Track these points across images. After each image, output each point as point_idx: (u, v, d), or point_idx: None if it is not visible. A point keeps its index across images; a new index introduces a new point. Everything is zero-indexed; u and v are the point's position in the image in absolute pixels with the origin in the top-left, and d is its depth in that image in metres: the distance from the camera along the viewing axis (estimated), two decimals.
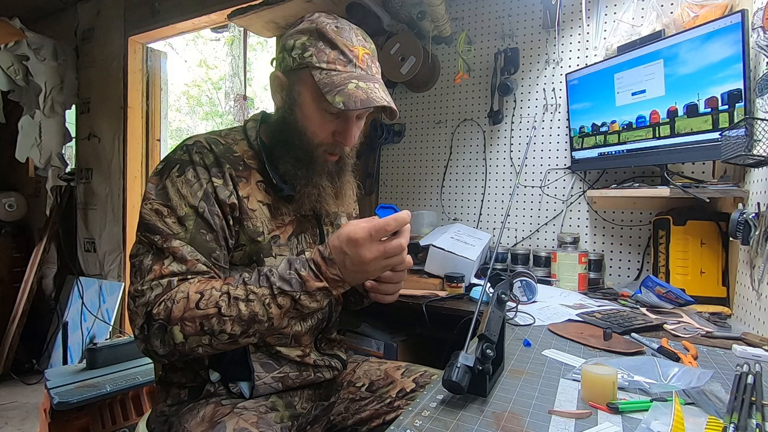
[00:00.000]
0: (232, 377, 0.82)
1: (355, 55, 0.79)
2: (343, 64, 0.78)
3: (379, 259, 0.69)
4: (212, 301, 0.69)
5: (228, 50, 6.65)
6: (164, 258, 0.73)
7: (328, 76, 0.77)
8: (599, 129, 1.53)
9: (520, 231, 1.84)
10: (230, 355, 0.81)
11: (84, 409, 1.58)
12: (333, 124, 0.82)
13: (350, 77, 0.77)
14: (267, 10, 1.95)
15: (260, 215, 0.82)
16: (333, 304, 0.94)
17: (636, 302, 1.27)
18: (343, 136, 0.83)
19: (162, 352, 0.70)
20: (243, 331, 0.70)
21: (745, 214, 1.03)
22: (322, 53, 0.78)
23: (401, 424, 0.59)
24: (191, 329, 0.68)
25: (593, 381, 0.65)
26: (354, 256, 0.68)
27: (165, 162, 0.80)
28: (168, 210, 0.75)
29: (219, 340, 0.69)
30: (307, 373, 0.89)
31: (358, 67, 0.79)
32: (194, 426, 0.74)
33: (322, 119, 0.81)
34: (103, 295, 2.73)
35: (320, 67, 0.78)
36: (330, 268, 0.70)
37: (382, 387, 0.91)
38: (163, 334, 0.69)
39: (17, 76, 2.80)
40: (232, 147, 0.84)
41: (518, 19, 1.84)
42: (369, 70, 0.81)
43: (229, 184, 0.79)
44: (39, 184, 3.17)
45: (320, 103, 0.79)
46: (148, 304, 0.70)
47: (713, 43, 1.18)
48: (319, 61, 0.78)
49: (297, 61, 0.79)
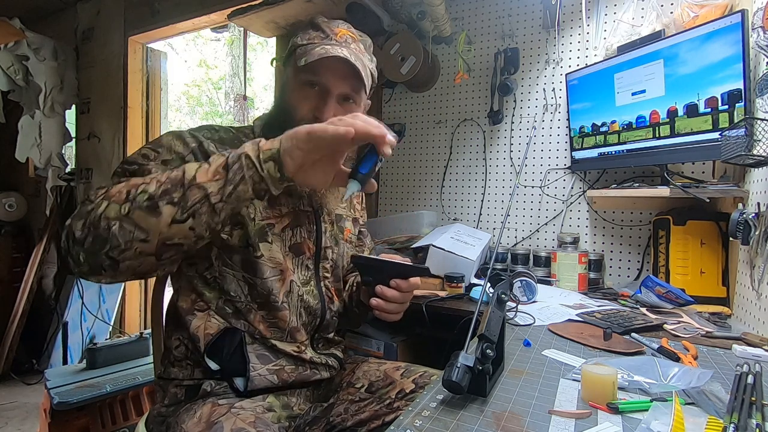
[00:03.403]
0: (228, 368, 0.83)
1: (334, 32, 0.85)
2: (321, 38, 0.85)
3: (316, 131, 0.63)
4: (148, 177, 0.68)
5: (228, 50, 6.65)
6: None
7: (304, 50, 0.83)
8: (599, 129, 1.53)
9: (520, 231, 1.84)
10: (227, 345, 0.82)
11: (84, 409, 1.59)
12: (313, 100, 0.85)
13: (322, 45, 0.83)
14: (267, 10, 1.95)
15: (257, 202, 0.84)
16: (325, 301, 0.94)
17: (636, 302, 1.27)
18: (320, 110, 0.84)
19: (78, 234, 0.64)
20: (165, 191, 0.63)
21: (745, 214, 1.03)
22: (306, 34, 0.86)
23: (401, 424, 0.59)
24: (116, 197, 0.64)
25: (593, 381, 0.65)
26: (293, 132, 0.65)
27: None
28: (155, 154, 0.78)
29: (138, 204, 0.63)
30: (303, 368, 0.89)
31: (333, 41, 0.84)
32: (191, 426, 0.74)
33: (302, 93, 0.85)
34: (103, 295, 2.73)
35: (301, 44, 0.85)
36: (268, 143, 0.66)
37: (381, 388, 0.91)
38: (89, 213, 0.64)
39: (17, 76, 2.80)
40: (241, 138, 0.88)
41: (518, 19, 1.84)
42: (344, 43, 0.85)
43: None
44: (39, 184, 3.17)
45: (298, 75, 0.84)
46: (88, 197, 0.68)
47: (713, 43, 1.18)
48: (302, 39, 0.86)
49: (288, 49, 0.88)
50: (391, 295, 0.84)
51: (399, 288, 0.85)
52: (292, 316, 0.88)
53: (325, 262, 0.96)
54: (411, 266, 0.86)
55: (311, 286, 0.92)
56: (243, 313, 0.85)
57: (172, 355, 0.87)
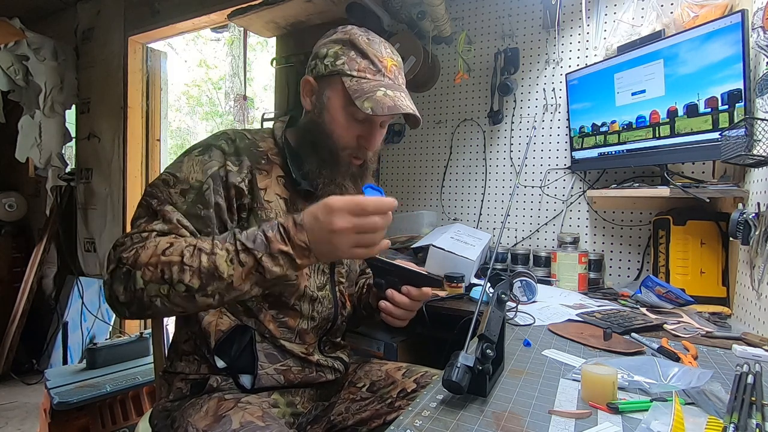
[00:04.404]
0: (236, 366, 0.83)
1: (384, 65, 0.84)
2: (373, 72, 0.83)
3: (349, 232, 0.66)
4: (178, 249, 0.69)
5: (228, 50, 6.65)
6: (155, 219, 0.76)
7: (358, 84, 0.82)
8: (599, 129, 1.53)
9: (520, 231, 1.84)
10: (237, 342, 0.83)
11: (84, 409, 1.59)
12: (358, 129, 0.86)
13: (378, 85, 0.82)
14: (267, 10, 1.95)
15: (275, 207, 0.85)
16: (338, 307, 0.94)
17: (636, 302, 1.27)
18: (367, 140, 0.87)
19: (123, 299, 0.69)
20: (201, 286, 0.67)
21: (745, 214, 1.03)
22: (354, 62, 0.83)
23: (401, 424, 0.59)
24: (152, 275, 0.67)
25: (593, 381, 0.65)
26: (325, 222, 0.66)
27: (193, 144, 0.86)
28: (174, 180, 0.79)
29: (176, 291, 0.67)
30: (310, 370, 0.89)
31: (386, 77, 0.84)
32: (198, 420, 0.74)
33: (348, 123, 0.85)
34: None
35: (351, 74, 0.82)
36: (299, 234, 0.67)
37: (382, 387, 0.92)
38: (128, 280, 0.69)
39: (17, 76, 2.80)
40: (258, 143, 0.88)
41: (518, 19, 1.84)
42: (396, 80, 0.86)
43: (243, 171, 0.82)
44: (39, 184, 3.17)
45: (348, 108, 0.83)
46: (123, 250, 0.71)
47: (713, 43, 1.18)
48: (351, 69, 0.83)
49: (329, 68, 0.84)
50: (400, 301, 0.86)
51: (409, 295, 0.86)
52: (303, 318, 0.88)
53: (340, 267, 0.96)
54: (425, 276, 0.87)
55: (326, 291, 0.92)
56: (254, 312, 0.85)
57: (181, 348, 0.87)
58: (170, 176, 0.79)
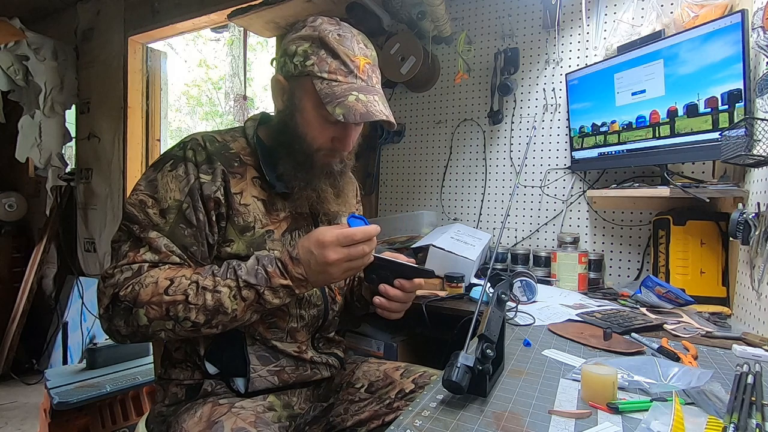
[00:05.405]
0: (228, 371, 0.83)
1: (356, 65, 0.80)
2: (344, 74, 0.79)
3: (341, 262, 0.73)
4: (181, 288, 0.71)
5: (228, 50, 6.64)
6: (140, 246, 0.76)
7: (329, 87, 0.78)
8: (599, 129, 1.53)
9: (520, 231, 1.84)
10: (228, 347, 0.83)
11: (84, 409, 1.59)
12: (332, 131, 0.84)
13: (350, 89, 0.78)
14: (267, 10, 1.95)
15: (254, 210, 0.83)
16: (329, 302, 0.94)
17: (636, 302, 1.27)
18: (342, 142, 0.85)
19: (125, 332, 0.74)
20: (206, 321, 0.72)
21: (745, 214, 1.03)
22: (324, 62, 0.79)
23: (401, 424, 0.59)
24: (156, 313, 0.71)
25: (593, 381, 0.65)
26: (319, 256, 0.72)
27: (162, 156, 0.84)
28: (152, 201, 0.78)
29: (182, 327, 0.72)
30: (304, 368, 0.89)
31: (358, 78, 0.80)
32: (192, 426, 0.74)
33: (321, 126, 0.83)
34: None
35: (321, 77, 0.79)
36: (296, 267, 0.74)
37: (381, 388, 0.91)
38: (128, 316, 0.72)
39: (17, 76, 2.79)
40: (229, 144, 0.86)
41: (518, 19, 1.84)
42: (369, 81, 0.82)
43: (217, 180, 0.80)
44: (39, 184, 3.17)
45: (320, 110, 0.80)
46: (116, 286, 0.72)
47: (713, 43, 1.18)
48: (321, 70, 0.79)
49: (299, 69, 0.81)
50: (394, 295, 0.85)
51: (402, 288, 0.85)
52: (292, 318, 0.88)
53: None
54: (415, 267, 0.86)
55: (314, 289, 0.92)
56: None
57: (173, 356, 0.87)
58: (147, 197, 0.78)
